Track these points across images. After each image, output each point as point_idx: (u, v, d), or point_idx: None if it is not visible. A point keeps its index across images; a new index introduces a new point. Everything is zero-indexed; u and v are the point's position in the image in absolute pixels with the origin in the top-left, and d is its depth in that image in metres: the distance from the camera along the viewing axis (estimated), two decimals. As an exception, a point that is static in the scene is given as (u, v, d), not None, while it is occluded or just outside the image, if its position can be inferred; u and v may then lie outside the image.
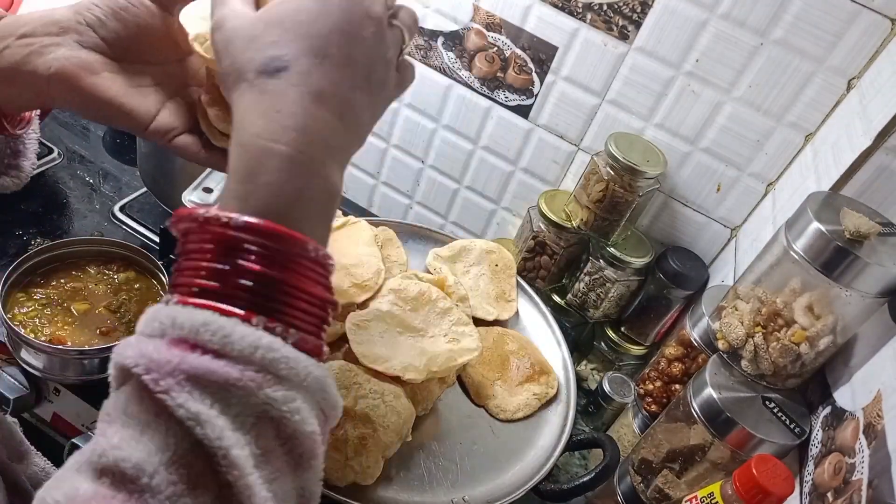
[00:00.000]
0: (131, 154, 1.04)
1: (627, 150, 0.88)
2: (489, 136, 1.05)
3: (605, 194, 0.90)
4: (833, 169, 0.72)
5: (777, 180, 0.88)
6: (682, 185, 0.95)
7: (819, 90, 0.81)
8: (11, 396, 0.77)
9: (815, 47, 0.79)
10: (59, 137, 1.08)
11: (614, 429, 0.90)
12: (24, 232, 0.91)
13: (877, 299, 0.62)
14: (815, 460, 0.62)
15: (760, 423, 0.66)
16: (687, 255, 0.94)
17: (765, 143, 0.87)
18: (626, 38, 0.89)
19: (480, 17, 0.97)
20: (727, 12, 0.82)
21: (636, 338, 0.98)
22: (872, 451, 0.53)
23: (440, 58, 1.03)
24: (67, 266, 0.82)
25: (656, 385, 0.85)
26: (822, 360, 0.67)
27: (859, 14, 0.76)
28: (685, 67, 0.88)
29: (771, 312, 0.67)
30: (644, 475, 0.77)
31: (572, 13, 0.91)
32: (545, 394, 0.81)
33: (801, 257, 0.63)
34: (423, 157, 1.13)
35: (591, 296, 0.97)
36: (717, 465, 0.69)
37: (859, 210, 0.63)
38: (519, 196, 1.08)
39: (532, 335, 0.90)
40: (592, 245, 0.96)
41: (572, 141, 1.00)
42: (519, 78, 0.99)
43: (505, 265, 0.93)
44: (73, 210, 0.98)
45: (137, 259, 0.84)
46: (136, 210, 1.01)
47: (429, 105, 1.07)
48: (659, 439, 0.75)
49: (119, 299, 0.80)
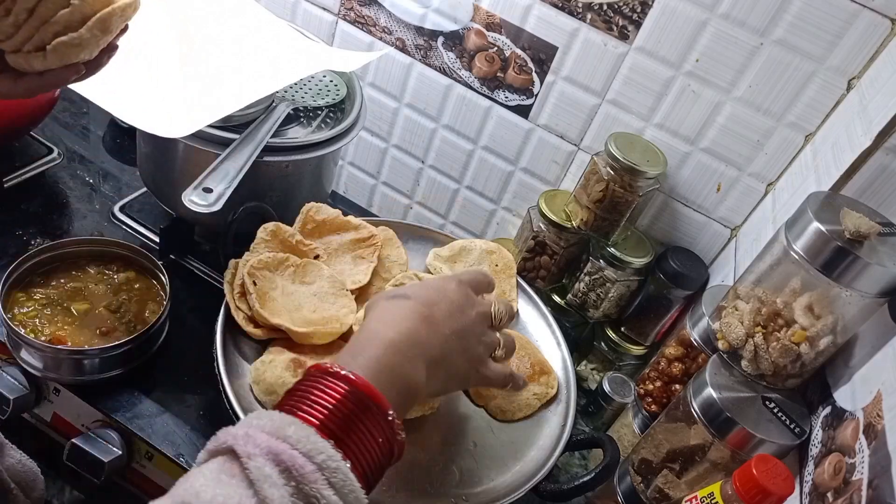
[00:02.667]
0: (131, 154, 1.04)
1: (627, 150, 0.88)
2: (489, 136, 1.05)
3: (605, 194, 0.90)
4: (833, 169, 0.72)
5: (777, 180, 0.88)
6: (682, 185, 0.95)
7: (819, 90, 0.81)
8: (11, 396, 0.77)
9: (815, 47, 0.79)
10: (59, 137, 1.08)
11: (614, 429, 0.90)
12: (24, 232, 0.91)
13: (877, 299, 0.62)
14: (815, 460, 0.62)
15: (760, 423, 0.66)
16: (687, 255, 0.94)
17: (765, 143, 0.87)
18: (626, 38, 0.89)
19: (480, 16, 0.97)
20: (727, 12, 0.82)
21: (636, 338, 0.98)
22: (872, 451, 0.53)
23: (440, 58, 1.03)
24: (67, 266, 0.82)
25: (656, 385, 0.85)
26: (822, 360, 0.67)
27: (859, 14, 0.76)
28: (685, 67, 0.88)
29: (771, 312, 0.67)
30: (644, 475, 0.77)
31: (572, 13, 0.91)
32: (545, 394, 0.81)
33: (801, 257, 0.63)
34: (423, 157, 1.13)
35: (591, 296, 0.97)
36: (717, 465, 0.69)
37: (859, 210, 0.63)
38: (519, 196, 1.08)
39: (532, 335, 0.90)
40: (592, 245, 0.96)
41: (572, 141, 1.00)
42: (519, 78, 0.99)
43: (505, 265, 0.93)
44: (73, 210, 0.98)
45: (137, 259, 0.84)
46: (136, 210, 1.01)
47: (429, 105, 1.07)
48: (659, 439, 0.75)
49: (119, 299, 0.80)
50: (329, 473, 0.44)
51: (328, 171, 0.95)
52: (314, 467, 0.43)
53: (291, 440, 0.44)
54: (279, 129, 0.84)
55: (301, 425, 0.46)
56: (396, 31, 1.04)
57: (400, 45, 1.05)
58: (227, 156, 0.76)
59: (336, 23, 1.08)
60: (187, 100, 0.79)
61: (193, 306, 0.89)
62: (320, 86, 0.95)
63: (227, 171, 0.74)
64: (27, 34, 0.52)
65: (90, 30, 0.53)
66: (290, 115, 0.87)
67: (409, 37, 1.03)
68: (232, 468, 0.43)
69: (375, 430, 0.49)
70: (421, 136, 1.11)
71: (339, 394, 0.48)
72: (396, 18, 1.03)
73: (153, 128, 0.75)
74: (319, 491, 0.43)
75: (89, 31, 0.53)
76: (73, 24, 0.53)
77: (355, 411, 0.48)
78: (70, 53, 0.54)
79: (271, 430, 0.45)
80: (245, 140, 0.79)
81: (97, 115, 1.14)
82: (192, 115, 0.76)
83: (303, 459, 0.43)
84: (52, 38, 0.53)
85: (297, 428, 0.45)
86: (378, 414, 0.49)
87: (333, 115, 0.92)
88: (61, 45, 0.53)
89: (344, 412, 0.48)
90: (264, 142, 0.79)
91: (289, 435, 0.44)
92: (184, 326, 0.86)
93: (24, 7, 0.51)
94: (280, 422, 0.46)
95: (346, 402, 0.48)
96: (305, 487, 0.43)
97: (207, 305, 0.78)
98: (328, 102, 0.93)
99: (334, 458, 0.45)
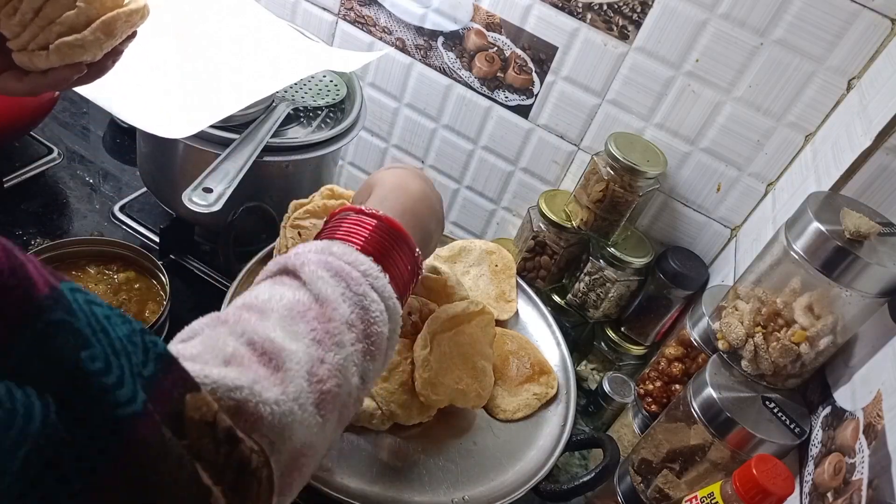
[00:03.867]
0: (131, 154, 1.04)
1: (627, 150, 0.88)
2: (489, 136, 1.05)
3: (605, 194, 0.90)
4: (833, 169, 0.72)
5: (777, 180, 0.88)
6: (682, 184, 0.95)
7: (819, 90, 0.81)
8: (11, 396, 0.77)
9: (815, 47, 0.79)
10: (59, 137, 1.08)
11: (614, 429, 0.90)
12: (24, 232, 0.91)
13: (877, 299, 0.62)
14: (815, 460, 0.62)
15: (760, 423, 0.66)
16: (687, 255, 0.94)
17: (765, 142, 0.87)
18: (626, 38, 0.89)
19: (480, 16, 0.97)
20: (727, 12, 0.82)
21: (636, 338, 0.98)
22: (872, 451, 0.53)
23: (440, 58, 1.03)
24: (67, 266, 0.82)
25: (656, 385, 0.85)
26: (822, 360, 0.67)
27: (859, 14, 0.76)
28: (685, 67, 0.88)
29: (771, 312, 0.67)
30: (644, 475, 0.77)
31: (572, 13, 0.91)
32: (545, 394, 0.81)
33: (801, 257, 0.63)
34: (423, 157, 1.13)
35: (591, 296, 0.97)
36: (717, 465, 0.69)
37: (859, 210, 0.63)
38: (519, 196, 1.08)
39: (532, 335, 0.90)
40: (592, 245, 0.96)
41: (572, 141, 1.00)
42: (519, 78, 0.99)
43: (505, 266, 0.93)
44: (73, 210, 0.98)
45: (137, 259, 0.84)
46: (136, 210, 1.01)
47: (429, 105, 1.07)
48: (659, 439, 0.75)
49: (119, 299, 0.80)
50: (372, 279, 0.49)
51: (328, 171, 0.95)
52: (359, 274, 0.49)
53: (337, 254, 0.50)
54: (279, 129, 0.84)
55: (344, 245, 0.51)
56: (396, 31, 1.04)
57: (400, 45, 1.05)
58: (227, 156, 0.76)
59: (336, 23, 1.08)
60: (188, 100, 0.79)
61: (193, 306, 0.89)
62: (320, 86, 0.95)
63: (227, 171, 0.74)
64: (33, 33, 0.54)
65: (94, 32, 0.55)
66: (290, 115, 0.87)
67: (409, 37, 1.03)
68: (288, 279, 0.48)
69: (405, 258, 0.55)
70: (421, 136, 1.11)
71: (372, 226, 0.54)
72: (396, 18, 1.03)
73: (153, 128, 0.75)
74: (365, 292, 0.48)
75: (93, 34, 0.55)
76: (78, 25, 0.54)
77: (388, 240, 0.54)
78: (72, 54, 0.55)
79: (318, 250, 0.50)
80: (245, 140, 0.79)
81: (97, 115, 1.14)
82: (192, 116, 0.76)
83: (349, 268, 0.49)
84: (56, 38, 0.54)
85: (341, 246, 0.51)
86: (405, 246, 0.55)
87: (333, 115, 0.92)
88: (64, 45, 0.54)
89: (379, 239, 0.53)
90: (264, 142, 0.79)
91: (334, 251, 0.50)
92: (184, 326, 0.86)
93: (30, 7, 0.52)
94: (325, 244, 0.51)
95: (380, 232, 0.54)
96: (354, 286, 0.48)
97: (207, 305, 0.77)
98: (328, 102, 0.93)
99: (375, 269, 0.50)
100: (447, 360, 0.72)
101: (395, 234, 0.55)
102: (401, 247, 0.55)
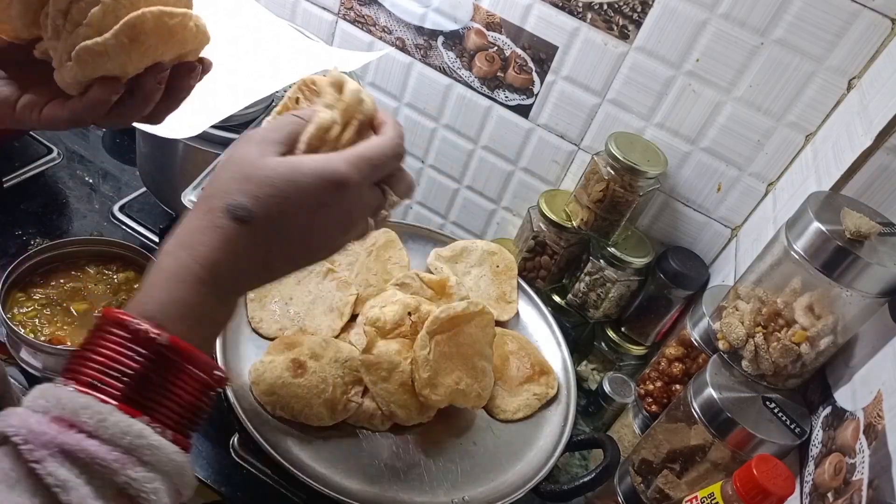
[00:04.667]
0: (131, 154, 1.04)
1: (628, 149, 0.88)
2: (489, 136, 1.05)
3: (606, 194, 0.90)
4: (833, 169, 0.72)
5: (777, 180, 0.88)
6: (682, 184, 0.95)
7: (819, 90, 0.81)
8: (11, 397, 0.77)
9: (815, 47, 0.79)
10: (58, 137, 1.07)
11: (614, 429, 0.90)
12: (23, 232, 0.91)
13: (877, 299, 0.62)
14: (816, 460, 0.62)
15: (761, 423, 0.66)
16: (687, 255, 0.94)
17: (765, 142, 0.87)
18: (627, 38, 0.89)
19: (480, 16, 0.97)
20: (727, 12, 0.82)
21: (636, 338, 0.98)
22: (873, 451, 0.53)
23: (440, 57, 1.02)
24: (67, 266, 0.82)
25: (657, 385, 0.85)
26: (823, 360, 0.67)
27: (859, 14, 0.76)
28: (685, 67, 0.87)
29: (771, 312, 0.67)
30: (644, 475, 0.77)
31: (572, 13, 0.91)
32: (545, 394, 0.81)
33: (802, 257, 0.63)
34: (423, 156, 1.13)
35: (591, 296, 0.97)
36: (717, 465, 0.68)
37: (860, 210, 0.63)
38: (519, 196, 1.08)
39: (532, 335, 0.90)
40: (592, 245, 0.95)
41: (572, 140, 1.00)
42: (519, 77, 0.99)
43: (506, 266, 0.93)
44: (73, 210, 0.98)
45: (137, 259, 0.84)
46: (136, 210, 1.01)
47: (429, 105, 1.07)
48: (659, 439, 0.75)
49: (118, 299, 0.80)
50: (139, 453, 0.38)
51: (328, 171, 0.95)
52: (120, 452, 0.37)
53: (89, 426, 0.37)
54: (279, 128, 0.84)
55: (98, 404, 0.38)
56: (396, 31, 1.04)
57: (400, 45, 1.05)
58: (226, 156, 0.76)
59: (336, 22, 1.08)
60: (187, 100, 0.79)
61: (193, 306, 0.89)
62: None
63: (227, 171, 0.74)
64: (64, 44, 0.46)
65: (116, 35, 0.46)
66: (289, 115, 0.87)
67: (409, 36, 1.03)
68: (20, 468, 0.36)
69: (190, 386, 0.42)
70: (421, 135, 1.11)
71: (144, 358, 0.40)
72: (396, 18, 1.03)
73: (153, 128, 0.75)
74: (129, 476, 0.37)
75: (115, 37, 0.46)
76: (105, 27, 0.46)
77: (165, 374, 0.41)
78: (94, 63, 0.46)
79: (61, 416, 0.37)
80: (245, 140, 0.78)
81: (97, 115, 1.14)
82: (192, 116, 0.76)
83: (105, 449, 0.37)
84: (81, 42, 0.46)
85: (94, 409, 0.38)
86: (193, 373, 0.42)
87: (333, 115, 0.92)
88: (83, 51, 0.46)
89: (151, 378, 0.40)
90: (264, 142, 0.79)
91: (84, 421, 0.37)
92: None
93: (57, 9, 0.45)
94: (72, 404, 0.38)
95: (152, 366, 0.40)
96: (112, 478, 0.37)
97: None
98: (328, 102, 0.93)
99: (142, 435, 0.38)
100: (447, 360, 0.72)
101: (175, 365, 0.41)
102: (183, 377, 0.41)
